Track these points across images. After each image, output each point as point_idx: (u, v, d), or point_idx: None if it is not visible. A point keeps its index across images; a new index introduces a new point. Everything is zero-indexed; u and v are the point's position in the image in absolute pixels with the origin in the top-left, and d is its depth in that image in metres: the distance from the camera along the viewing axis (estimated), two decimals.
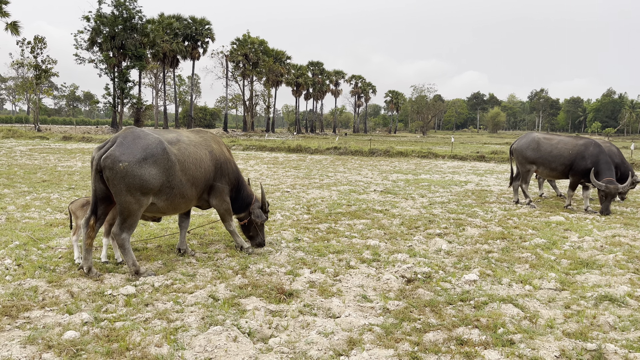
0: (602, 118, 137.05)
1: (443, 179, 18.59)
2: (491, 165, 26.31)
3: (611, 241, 8.52)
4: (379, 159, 28.59)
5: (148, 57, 64.70)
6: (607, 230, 9.52)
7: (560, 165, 12.08)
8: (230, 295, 5.58)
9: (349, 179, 17.69)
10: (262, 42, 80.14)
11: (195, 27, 71.85)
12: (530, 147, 12.54)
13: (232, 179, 7.31)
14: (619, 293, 5.77)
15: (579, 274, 6.61)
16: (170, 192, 6.23)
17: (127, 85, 58.70)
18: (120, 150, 5.76)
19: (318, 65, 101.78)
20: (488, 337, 4.54)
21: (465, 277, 6.34)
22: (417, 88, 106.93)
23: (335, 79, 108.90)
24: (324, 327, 4.75)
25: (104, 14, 56.93)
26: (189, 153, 6.48)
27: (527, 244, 8.25)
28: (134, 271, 6.06)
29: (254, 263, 6.83)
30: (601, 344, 4.40)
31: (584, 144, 11.99)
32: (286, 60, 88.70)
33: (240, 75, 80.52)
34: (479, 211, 11.46)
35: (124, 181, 5.73)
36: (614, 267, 6.96)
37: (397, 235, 8.86)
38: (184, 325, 4.72)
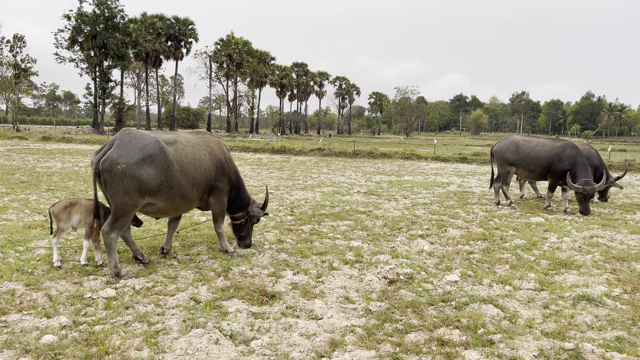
0: (581, 120, 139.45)
1: (426, 180, 18.73)
2: (473, 166, 26.59)
3: (589, 242, 8.68)
4: (362, 161, 28.69)
5: (130, 56, 64.06)
6: (585, 231, 9.69)
7: (539, 167, 12.27)
8: (212, 297, 5.55)
9: (332, 181, 17.72)
10: (246, 42, 79.89)
11: (179, 27, 71.31)
12: (509, 149, 12.71)
13: (233, 179, 7.35)
14: (596, 293, 5.88)
15: (558, 275, 6.72)
16: (169, 192, 6.23)
17: (108, 85, 58.01)
18: (118, 152, 5.78)
19: (302, 67, 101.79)
20: (468, 338, 4.59)
21: (447, 277, 6.39)
22: (401, 90, 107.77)
23: (319, 80, 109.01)
24: (306, 329, 4.75)
25: (85, 12, 56.21)
26: (186, 153, 6.49)
27: (507, 245, 8.35)
28: (115, 273, 6.01)
29: (237, 265, 6.80)
30: (579, 344, 4.47)
31: (562, 146, 12.19)
32: (270, 61, 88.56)
33: (224, 75, 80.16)
34: (461, 212, 11.57)
35: (122, 183, 5.75)
36: (591, 267, 7.08)
37: (380, 236, 8.90)
38: (165, 328, 4.68)
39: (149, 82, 79.70)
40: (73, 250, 7.30)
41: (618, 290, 6.03)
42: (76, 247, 7.42)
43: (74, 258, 6.86)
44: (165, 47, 69.07)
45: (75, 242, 7.74)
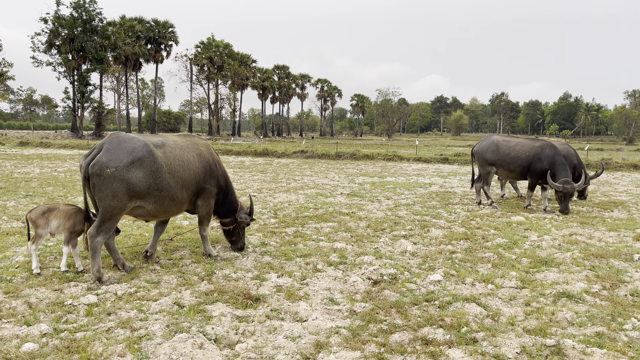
0: (559, 120, 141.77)
1: (408, 181, 18.86)
2: (455, 167, 26.85)
3: (568, 240, 8.83)
4: (345, 162, 28.76)
5: (109, 60, 63.21)
6: (564, 229, 9.86)
7: (518, 166, 12.44)
8: (196, 301, 5.51)
9: (316, 183, 17.73)
10: (227, 45, 79.50)
11: (159, 30, 70.67)
12: (489, 149, 12.87)
13: (222, 182, 7.35)
14: (576, 290, 5.98)
15: (539, 272, 6.82)
16: (159, 194, 6.23)
17: (87, 89, 57.13)
18: (108, 156, 5.79)
19: (284, 69, 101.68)
20: (452, 336, 4.64)
21: (430, 277, 6.45)
22: (382, 92, 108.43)
23: (301, 82, 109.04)
24: (291, 331, 4.75)
25: (62, 15, 55.30)
26: (175, 155, 6.49)
27: (489, 244, 8.45)
28: (97, 278, 5.95)
29: (220, 269, 6.76)
30: (560, 340, 4.55)
31: (540, 146, 12.39)
32: (252, 63, 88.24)
33: (205, 78, 79.64)
34: (443, 212, 11.68)
35: (112, 186, 5.75)
36: (571, 264, 7.21)
37: (364, 237, 8.94)
38: (148, 334, 4.63)
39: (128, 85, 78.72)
40: (53, 257, 7.17)
41: (597, 286, 6.15)
42: (56, 254, 7.30)
43: (54, 264, 6.74)
44: (145, 50, 68.37)
45: (55, 249, 7.61)
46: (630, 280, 6.41)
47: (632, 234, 9.33)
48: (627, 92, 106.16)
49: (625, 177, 21.93)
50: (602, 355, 4.27)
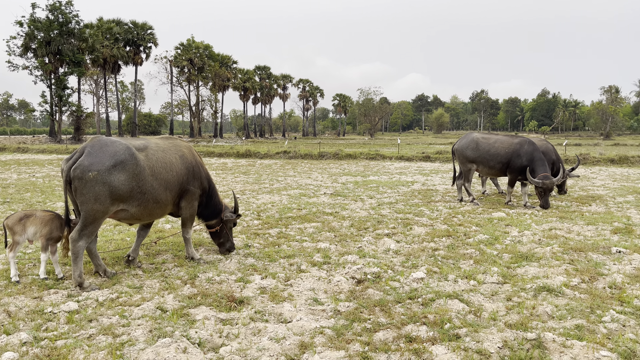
0: (538, 117, 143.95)
1: (391, 179, 18.97)
2: (436, 165, 27.08)
3: (548, 234, 8.97)
4: (328, 162, 28.80)
5: (87, 62, 62.33)
6: (544, 224, 10.01)
7: (498, 163, 12.60)
8: (179, 305, 5.47)
9: (299, 183, 17.73)
10: (207, 46, 78.99)
11: (137, 31, 69.88)
12: (469, 147, 13.01)
13: (205, 184, 7.35)
14: (555, 283, 6.08)
15: (520, 267, 6.92)
16: (142, 197, 6.22)
17: (65, 93, 56.22)
18: (89, 159, 5.79)
19: (265, 70, 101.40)
20: (435, 333, 4.68)
21: (413, 275, 6.49)
22: (364, 91, 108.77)
23: (282, 83, 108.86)
24: (276, 333, 4.74)
25: (38, 18, 54.32)
26: (157, 158, 6.51)
27: (471, 241, 8.55)
28: (79, 283, 5.89)
29: (203, 272, 6.72)
30: (540, 333, 4.62)
31: (519, 142, 12.57)
32: (232, 64, 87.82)
33: (186, 80, 79.02)
34: (426, 210, 11.77)
35: (94, 190, 5.74)
36: (551, 259, 7.33)
37: (347, 237, 8.96)
38: (131, 340, 4.59)
39: (107, 88, 77.77)
40: (32, 264, 7.06)
41: (576, 280, 6.26)
42: (35, 261, 7.18)
43: (33, 272, 6.63)
44: (124, 52, 67.55)
45: (35, 256, 7.48)
46: (608, 273, 6.54)
47: (609, 228, 9.52)
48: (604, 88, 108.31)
49: (603, 172, 22.36)
50: (581, 348, 4.35)
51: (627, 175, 20.74)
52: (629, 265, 6.87)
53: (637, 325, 4.88)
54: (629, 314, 5.17)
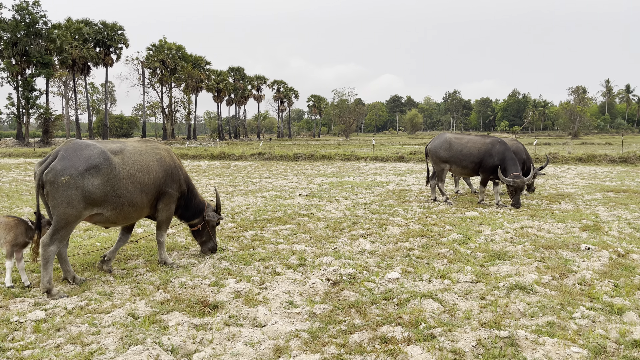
0: (509, 117, 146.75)
1: (366, 180, 19.04)
2: (410, 165, 27.32)
3: (520, 232, 9.12)
4: (303, 163, 28.76)
5: (55, 64, 60.95)
6: (516, 222, 10.18)
7: (471, 163, 12.76)
8: (151, 312, 5.35)
9: (274, 185, 17.64)
10: (179, 47, 78.11)
11: (107, 32, 68.60)
12: (442, 147, 13.14)
13: (183, 186, 7.29)
14: (527, 281, 6.17)
15: (492, 266, 7.01)
16: (117, 200, 6.14)
17: (32, 95, 54.85)
18: (62, 163, 5.69)
19: (239, 71, 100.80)
20: (410, 334, 4.69)
21: (388, 275, 6.51)
22: (339, 92, 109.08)
23: (257, 84, 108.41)
24: (250, 337, 4.68)
25: (4, 19, 52.87)
26: (133, 161, 6.43)
27: (445, 240, 8.62)
28: (47, 289, 5.73)
29: (177, 277, 6.61)
30: (513, 331, 4.68)
31: (491, 142, 12.75)
32: (206, 65, 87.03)
33: (158, 81, 77.97)
34: (400, 210, 11.84)
35: (66, 194, 5.65)
36: (522, 257, 7.44)
37: (323, 238, 8.94)
38: (101, 348, 4.46)
39: (77, 90, 76.05)
40: None
41: (547, 277, 6.37)
42: (0, 269, 6.93)
43: None
44: (94, 53, 66.25)
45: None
46: (578, 270, 6.68)
47: (578, 225, 9.73)
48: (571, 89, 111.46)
49: (571, 170, 22.90)
50: (553, 344, 4.42)
51: (595, 173, 21.29)
52: (597, 262, 7.03)
53: (606, 321, 4.98)
54: (599, 310, 5.28)
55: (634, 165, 24.73)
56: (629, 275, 6.39)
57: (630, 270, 6.60)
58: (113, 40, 69.13)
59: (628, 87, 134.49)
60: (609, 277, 6.35)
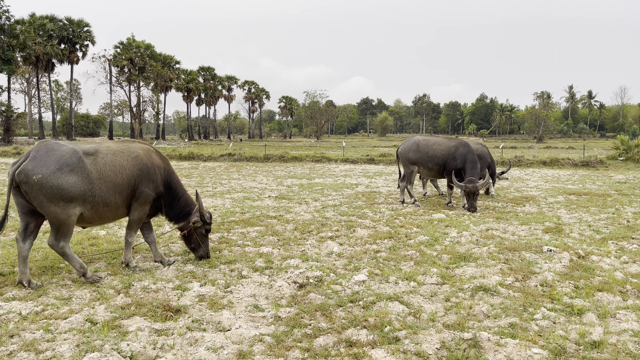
0: (477, 120, 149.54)
1: (335, 182, 19.06)
2: (380, 167, 27.50)
3: (485, 235, 9.26)
4: (274, 165, 28.62)
5: (18, 60, 58.96)
6: (481, 224, 10.33)
7: (435, 165, 12.85)
8: (110, 317, 5.19)
9: (243, 186, 17.47)
10: (148, 46, 76.71)
11: (73, 29, 66.81)
12: (411, 149, 13.25)
13: (160, 187, 7.15)
14: (491, 283, 6.25)
15: (458, 268, 7.08)
16: (93, 200, 6.28)
17: None
18: (33, 163, 5.86)
19: (209, 71, 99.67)
20: (375, 337, 4.68)
21: (355, 278, 6.49)
22: (310, 94, 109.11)
23: (227, 84, 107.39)
24: (213, 342, 4.59)
25: None
26: (106, 161, 6.50)
27: (412, 242, 8.68)
28: (81, 274, 6.31)
29: (139, 280, 6.44)
30: (476, 333, 4.72)
31: (455, 145, 12.85)
32: (175, 65, 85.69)
33: (126, 80, 76.39)
34: (369, 212, 11.88)
35: (42, 192, 5.84)
36: (487, 259, 7.55)
37: (291, 240, 8.88)
38: (56, 356, 4.29)
39: (41, 87, 73.87)
40: None
41: (510, 279, 6.47)
42: None
43: None
44: (58, 50, 64.41)
45: None
46: (540, 271, 6.81)
47: (541, 227, 9.95)
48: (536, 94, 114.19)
49: (536, 173, 23.46)
50: (515, 346, 4.47)
51: (558, 176, 21.86)
52: (558, 264, 7.18)
53: (566, 322, 5.08)
54: (559, 311, 5.38)
55: (595, 169, 25.52)
56: (589, 277, 6.55)
57: (590, 272, 6.77)
58: (79, 37, 67.40)
59: (590, 93, 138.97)
60: (570, 279, 6.49)
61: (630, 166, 26.30)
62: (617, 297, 5.81)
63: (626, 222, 10.50)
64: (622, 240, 8.81)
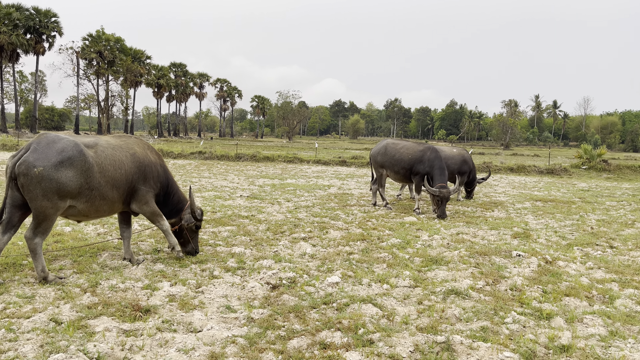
0: (446, 126, 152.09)
1: (308, 183, 19.02)
2: (352, 169, 27.61)
3: (456, 238, 9.37)
4: (245, 164, 28.38)
5: None
6: (452, 228, 10.46)
7: (402, 169, 12.83)
8: (76, 316, 5.01)
9: (214, 185, 17.24)
10: (118, 39, 75.01)
11: (40, 18, 64.81)
12: (380, 152, 13.32)
13: (157, 183, 7.16)
14: (463, 286, 6.32)
15: (430, 271, 7.14)
16: (89, 194, 6.20)
17: None
18: (35, 155, 5.74)
19: (181, 67, 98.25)
20: (349, 339, 4.65)
21: (329, 279, 6.47)
22: (283, 94, 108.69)
23: (199, 81, 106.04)
24: (184, 344, 4.48)
25: None
26: (106, 155, 6.44)
27: (384, 244, 8.71)
28: (42, 277, 5.99)
29: (107, 279, 6.25)
30: (449, 336, 4.75)
31: (423, 149, 12.80)
32: (146, 60, 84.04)
33: (94, 73, 74.45)
34: (341, 214, 11.88)
35: (40, 186, 5.70)
36: (458, 262, 7.64)
37: (263, 241, 8.79)
38: (18, 356, 4.11)
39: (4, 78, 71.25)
40: None
41: (481, 282, 6.56)
42: None
43: None
44: (24, 40, 62.32)
45: None
46: (510, 276, 6.92)
47: (510, 232, 10.14)
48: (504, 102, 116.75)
49: (504, 179, 23.96)
50: (487, 349, 4.52)
51: (525, 183, 22.39)
52: (527, 268, 7.33)
53: (536, 326, 5.17)
54: (529, 315, 5.48)
55: (559, 177, 26.25)
56: (556, 282, 6.70)
57: (557, 277, 6.92)
58: (46, 28, 65.43)
59: (555, 102, 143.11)
60: (538, 283, 6.62)
61: (593, 175, 27.18)
62: (583, 302, 5.96)
63: (590, 229, 10.82)
64: (587, 246, 9.06)
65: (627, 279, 6.94)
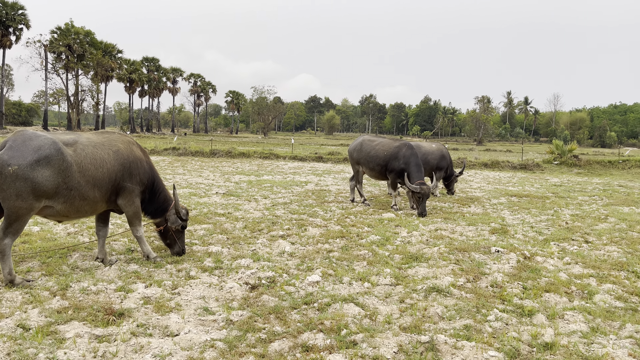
0: (421, 122, 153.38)
1: (285, 179, 18.84)
2: (328, 165, 27.52)
3: (435, 235, 9.36)
4: (220, 160, 28.00)
5: None
6: (430, 224, 10.45)
7: (377, 165, 12.72)
8: (45, 322, 4.77)
9: (189, 182, 16.92)
10: (88, 32, 73.20)
11: (6, 11, 62.77)
12: (356, 149, 13.24)
13: (144, 180, 6.93)
14: (444, 284, 6.28)
15: (410, 268, 7.08)
16: (68, 194, 5.95)
17: None
18: (10, 153, 5.51)
19: (154, 62, 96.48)
20: (332, 341, 4.54)
21: (309, 278, 6.34)
22: (258, 89, 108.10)
23: (172, 76, 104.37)
24: (160, 349, 4.30)
25: None
26: (86, 154, 6.17)
27: (364, 242, 8.63)
28: (9, 280, 5.71)
29: (77, 281, 5.99)
30: (433, 336, 4.68)
31: (398, 146, 12.70)
32: (117, 54, 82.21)
33: (63, 68, 72.48)
34: (319, 211, 11.76)
35: (15, 185, 5.48)
36: (438, 259, 7.60)
37: (241, 239, 8.61)
38: None
39: None
40: None
41: (462, 279, 6.53)
42: None
43: None
44: None
45: None
46: (490, 272, 6.91)
47: (488, 228, 10.19)
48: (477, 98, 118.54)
49: (478, 175, 24.22)
50: (471, 348, 4.47)
51: (499, 178, 22.67)
52: (507, 264, 7.34)
53: (518, 323, 5.15)
54: (510, 312, 5.46)
55: (532, 172, 26.68)
56: (536, 277, 6.72)
57: (536, 273, 6.95)
58: (12, 20, 63.39)
59: (526, 99, 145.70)
60: (518, 279, 6.63)
61: (564, 170, 27.72)
62: (563, 297, 5.98)
63: (565, 223, 10.96)
64: (563, 241, 9.16)
65: (604, 274, 7.01)
